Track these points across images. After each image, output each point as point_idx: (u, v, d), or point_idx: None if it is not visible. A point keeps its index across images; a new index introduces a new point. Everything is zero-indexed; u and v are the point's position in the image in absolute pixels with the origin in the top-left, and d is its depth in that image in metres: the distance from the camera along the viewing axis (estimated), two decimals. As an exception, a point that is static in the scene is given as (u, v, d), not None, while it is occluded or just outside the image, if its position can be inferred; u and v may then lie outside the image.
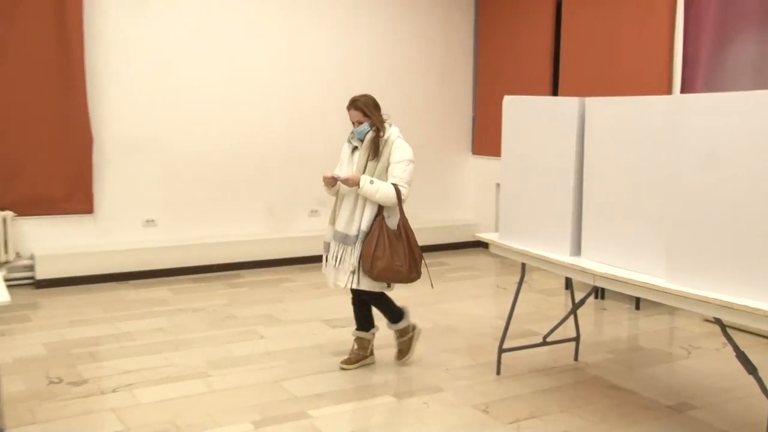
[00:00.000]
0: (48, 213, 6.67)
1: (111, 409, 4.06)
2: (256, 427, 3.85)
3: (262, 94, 7.48)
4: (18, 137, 6.43)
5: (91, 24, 6.67)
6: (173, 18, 7.01)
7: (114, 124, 6.87)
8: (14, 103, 6.40)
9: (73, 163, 6.67)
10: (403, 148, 4.48)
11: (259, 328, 5.55)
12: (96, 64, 6.73)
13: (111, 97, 6.83)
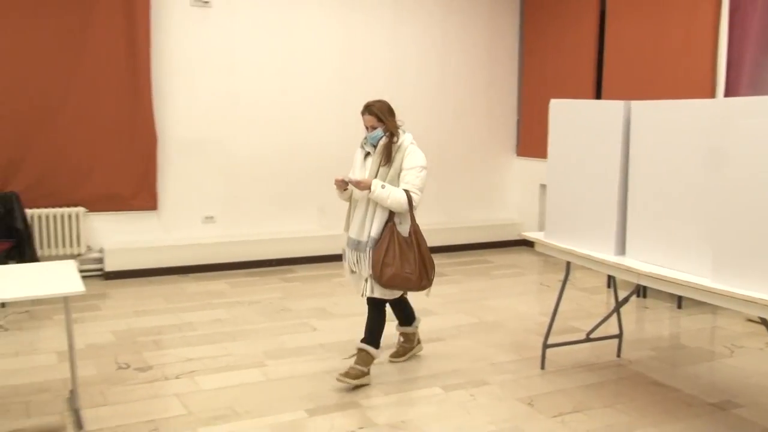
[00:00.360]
0: (116, 209, 6.82)
1: (174, 394, 4.15)
2: (310, 415, 3.90)
3: (316, 98, 7.55)
4: (90, 139, 6.59)
5: (158, 32, 6.80)
6: (233, 25, 7.11)
7: (177, 126, 7.00)
8: (87, 107, 6.56)
9: (139, 163, 6.81)
10: (416, 154, 4.29)
11: (311, 321, 5.60)
12: (161, 70, 6.86)
13: (174, 101, 6.96)
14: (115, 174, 6.73)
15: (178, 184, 7.06)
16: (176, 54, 6.93)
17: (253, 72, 7.24)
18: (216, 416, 3.86)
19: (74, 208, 6.60)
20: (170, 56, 6.90)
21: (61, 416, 3.82)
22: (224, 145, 7.19)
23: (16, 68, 6.28)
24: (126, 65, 6.66)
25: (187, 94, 7.02)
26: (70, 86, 6.46)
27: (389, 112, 4.36)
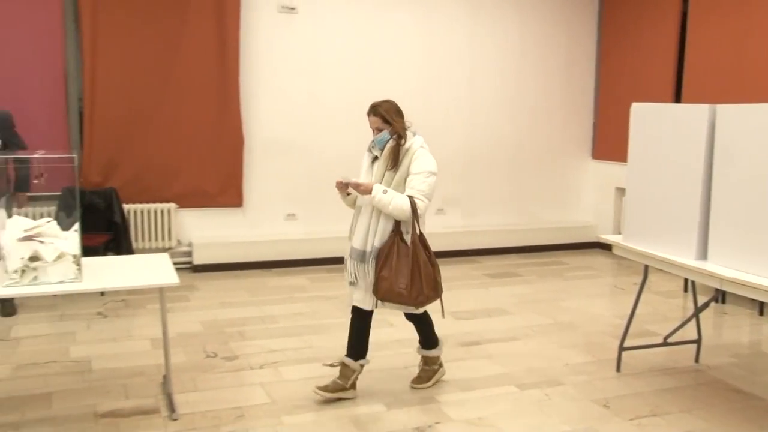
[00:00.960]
0: (204, 206, 6.97)
1: (259, 383, 4.21)
2: (388, 408, 3.90)
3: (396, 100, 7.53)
4: (182, 140, 6.76)
5: (246, 38, 6.92)
6: (317, 31, 7.18)
7: (262, 127, 7.11)
8: (180, 110, 6.73)
9: (226, 162, 6.94)
10: (424, 158, 3.87)
11: (388, 317, 5.56)
12: (248, 74, 6.98)
13: (260, 103, 7.07)
14: (204, 172, 6.89)
15: (262, 182, 7.17)
16: (263, 59, 7.04)
17: (336, 75, 7.30)
18: (298, 406, 3.91)
19: (166, 204, 6.78)
20: (257, 61, 7.02)
21: (156, 399, 3.93)
22: (306, 146, 7.27)
23: (119, 76, 6.49)
24: (216, 70, 6.80)
25: (273, 97, 7.12)
26: (165, 91, 6.64)
27: (397, 113, 3.99)
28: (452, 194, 7.93)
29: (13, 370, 4.37)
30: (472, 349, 4.89)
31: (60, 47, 6.36)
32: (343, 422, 3.73)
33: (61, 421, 3.69)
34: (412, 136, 3.97)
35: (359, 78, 7.37)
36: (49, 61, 6.33)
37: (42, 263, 3.45)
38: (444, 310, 4.09)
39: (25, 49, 6.25)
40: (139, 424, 3.66)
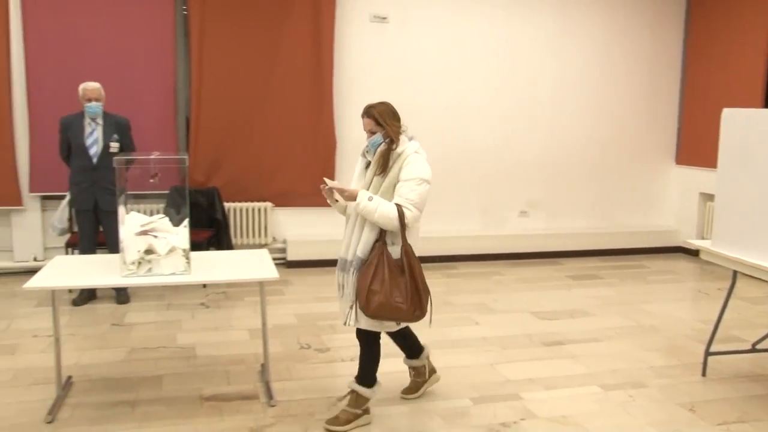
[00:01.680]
0: (298, 205, 7.10)
1: (350, 375, 4.21)
2: (474, 403, 3.89)
3: (482, 107, 7.51)
4: (279, 143, 6.91)
5: (340, 46, 7.02)
6: (407, 40, 7.22)
7: (354, 131, 7.17)
8: (278, 115, 6.88)
9: (320, 163, 7.05)
10: (417, 164, 3.41)
11: (473, 315, 5.59)
12: (342, 81, 7.07)
13: (352, 108, 7.13)
14: (298, 173, 7.02)
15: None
16: (355, 66, 7.12)
17: (424, 83, 7.32)
18: (387, 398, 3.93)
19: (263, 203, 6.95)
20: (350, 68, 7.11)
21: (254, 386, 4.04)
22: (395, 149, 7.31)
23: (222, 85, 6.69)
24: (311, 78, 6.92)
25: (364, 102, 7.11)
26: (264, 98, 6.80)
27: (391, 116, 3.56)
28: (535, 197, 7.84)
29: (128, 353, 4.57)
30: (555, 349, 4.82)
31: (171, 61, 6.60)
32: (431, 416, 3.74)
33: (170, 402, 3.83)
34: (407, 141, 3.51)
35: (446, 85, 7.37)
36: (162, 73, 6.58)
37: (156, 256, 3.60)
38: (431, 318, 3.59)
39: (141, 63, 6.53)
40: (240, 408, 3.76)
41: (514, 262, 7.51)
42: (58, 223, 5.86)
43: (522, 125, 7.64)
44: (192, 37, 6.58)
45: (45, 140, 6.25)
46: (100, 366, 4.35)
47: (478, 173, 7.58)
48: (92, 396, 3.90)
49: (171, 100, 6.65)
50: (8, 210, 6.53)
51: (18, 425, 3.54)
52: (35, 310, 5.50)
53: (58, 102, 6.15)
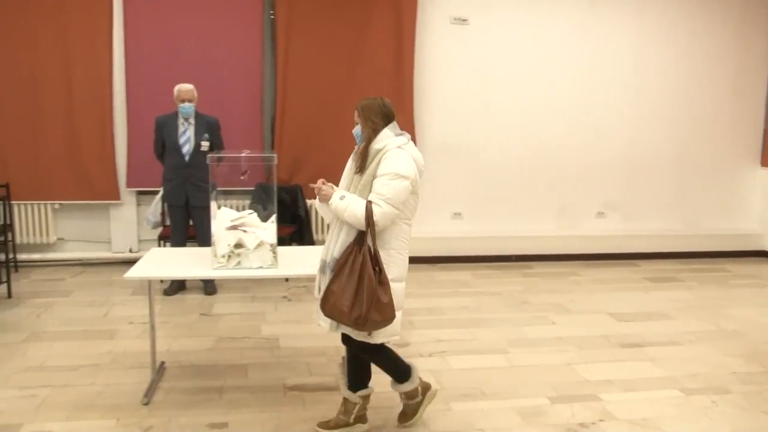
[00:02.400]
0: (378, 203, 7.13)
1: (429, 370, 4.25)
2: (551, 403, 3.83)
3: (560, 107, 7.37)
4: (359, 140, 6.94)
5: (421, 47, 7.00)
6: (487, 41, 7.15)
7: (433, 131, 7.18)
8: (358, 112, 6.92)
9: (399, 162, 7.05)
10: (393, 159, 3.07)
11: (550, 315, 5.50)
12: (422, 81, 7.06)
13: (432, 109, 7.14)
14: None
15: (431, 182, 7.21)
16: (435, 67, 7.10)
17: (504, 83, 7.23)
18: (466, 394, 3.92)
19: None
20: (430, 69, 7.09)
21: (335, 378, 4.07)
22: (474, 149, 7.26)
23: (306, 86, 6.77)
24: (392, 78, 6.93)
25: (443, 103, 7.17)
26: (346, 98, 6.85)
27: (374, 112, 3.19)
28: (613, 198, 7.64)
29: (215, 342, 4.69)
30: (634, 351, 4.69)
31: (258, 64, 6.74)
32: (509, 413, 3.70)
33: (255, 390, 3.92)
34: (391, 137, 3.15)
35: (526, 86, 7.26)
36: (249, 76, 6.72)
37: (245, 250, 3.68)
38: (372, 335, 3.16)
39: (231, 66, 6.68)
40: (322, 398, 3.81)
41: (591, 263, 7.35)
42: (151, 216, 6.07)
43: (601, 125, 7.46)
44: (278, 41, 6.70)
45: (141, 139, 6.48)
46: (190, 353, 4.48)
47: (556, 173, 7.45)
48: (183, 381, 4.02)
49: (257, 101, 6.79)
50: (107, 204, 6.80)
51: (118, 405, 3.69)
52: (130, 298, 5.72)
53: (153, 102, 6.37)
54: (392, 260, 3.15)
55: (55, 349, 4.50)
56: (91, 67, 6.50)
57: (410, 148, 3.19)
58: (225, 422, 3.52)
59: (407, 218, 3.21)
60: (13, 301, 5.60)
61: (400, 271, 3.20)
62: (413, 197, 3.18)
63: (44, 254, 6.83)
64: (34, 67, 6.45)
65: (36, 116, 6.51)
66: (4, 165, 6.51)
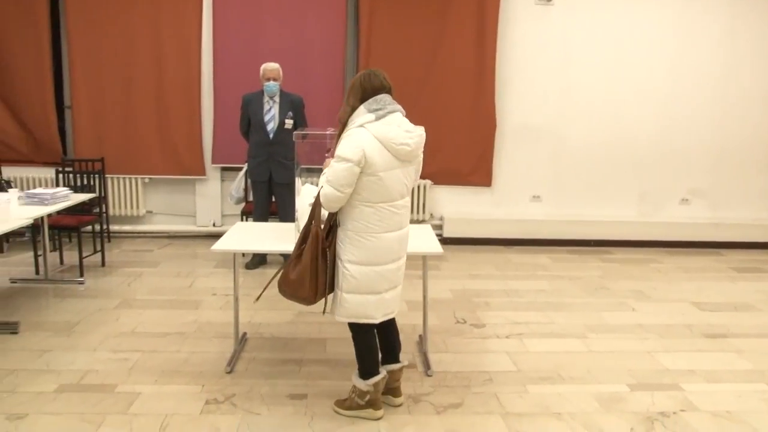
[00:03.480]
0: (456, 183, 7.10)
1: (505, 351, 4.22)
2: (631, 390, 3.74)
3: (646, 92, 7.13)
4: (440, 122, 6.89)
5: (504, 28, 6.88)
6: (572, 22, 6.96)
7: (514, 113, 7.06)
8: (440, 95, 6.87)
9: (479, 144, 6.99)
10: (345, 140, 2.96)
11: (630, 302, 5.36)
12: (504, 63, 6.95)
13: (513, 91, 7.02)
14: (457, 153, 6.99)
15: (510, 165, 7.14)
16: (518, 49, 6.96)
17: (588, 66, 7.04)
18: (543, 377, 3.87)
19: (423, 181, 7.01)
20: (513, 50, 6.96)
21: (412, 355, 4.09)
22: (555, 132, 7.11)
23: (387, 66, 6.75)
24: (474, 60, 6.84)
25: (525, 85, 7.04)
26: (428, 79, 6.82)
27: (354, 91, 3.04)
28: (699, 186, 7.36)
29: (295, 316, 4.77)
30: (718, 342, 4.52)
31: (341, 46, 6.76)
32: (586, 398, 3.63)
33: (333, 363, 3.97)
34: (362, 114, 2.99)
35: (611, 69, 7.05)
36: (333, 57, 6.76)
37: (328, 227, 3.70)
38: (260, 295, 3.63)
39: (315, 47, 6.73)
40: (398, 375, 3.82)
41: (673, 250, 7.12)
42: (235, 192, 6.20)
43: (687, 110, 7.18)
44: (361, 22, 6.71)
45: (226, 117, 6.62)
46: (270, 325, 4.57)
47: (639, 158, 7.22)
48: (264, 352, 4.11)
49: (340, 81, 6.82)
50: (193, 179, 6.99)
51: (203, 372, 3.80)
52: (214, 270, 5.87)
53: (240, 81, 6.49)
54: (350, 242, 3.07)
55: (144, 317, 4.67)
56: (181, 48, 6.66)
57: (376, 125, 2.95)
58: (304, 393, 3.58)
59: (368, 201, 3.01)
60: (106, 270, 5.84)
61: (362, 254, 3.06)
62: (372, 179, 2.96)
63: (134, 226, 7.09)
64: (128, 49, 6.67)
65: (129, 95, 6.74)
66: (100, 141, 6.77)
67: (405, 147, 2.99)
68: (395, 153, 2.98)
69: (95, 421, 3.23)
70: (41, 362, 3.89)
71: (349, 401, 3.36)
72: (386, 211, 3.05)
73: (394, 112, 3.01)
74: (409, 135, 3.00)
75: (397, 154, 2.98)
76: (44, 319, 4.61)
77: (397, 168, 3.01)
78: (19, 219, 4.47)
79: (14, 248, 6.55)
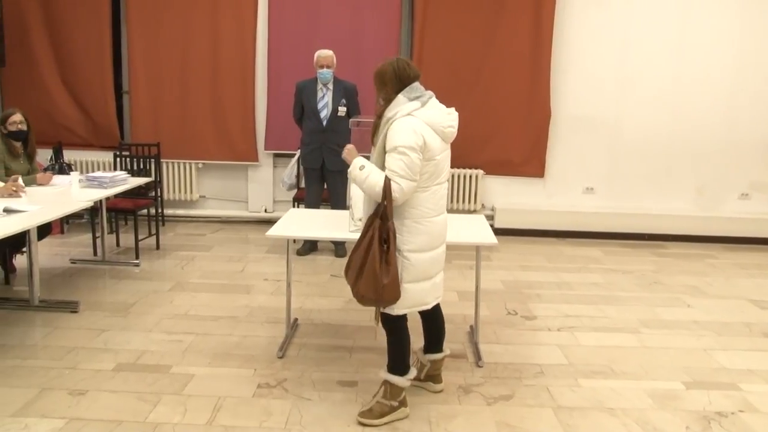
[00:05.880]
0: (508, 174, 7.02)
1: (557, 344, 4.18)
2: (686, 388, 3.66)
3: (706, 83, 6.92)
4: (494, 111, 6.84)
5: (560, 17, 6.76)
6: (630, 11, 6.80)
7: (569, 103, 6.95)
8: (494, 84, 6.80)
9: (532, 134, 6.90)
10: (397, 130, 2.89)
11: (685, 297, 5.24)
12: (560, 52, 6.83)
13: (569, 80, 6.90)
14: (510, 143, 6.92)
15: (564, 156, 7.04)
16: (575, 38, 6.84)
17: (646, 56, 6.87)
18: (595, 371, 3.81)
19: (474, 170, 6.95)
20: (569, 40, 6.84)
21: (463, 346, 4.08)
22: (610, 123, 6.98)
23: (441, 53, 6.74)
24: (529, 48, 6.74)
25: (581, 75, 6.91)
26: (482, 67, 6.76)
27: (388, 79, 3.01)
28: (760, 179, 7.13)
29: (345, 303, 4.79)
30: (780, 342, 4.40)
31: (396, 33, 6.76)
32: (640, 394, 3.56)
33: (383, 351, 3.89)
34: (405, 103, 2.97)
35: (670, 59, 6.87)
36: (386, 45, 6.74)
37: (381, 215, 3.70)
38: (378, 321, 3.10)
39: (369, 36, 6.74)
40: (449, 365, 3.80)
41: (731, 246, 6.93)
42: (287, 179, 6.25)
43: (749, 101, 6.95)
44: (416, 11, 6.68)
45: (280, 104, 6.67)
46: (321, 312, 4.61)
47: (697, 151, 7.03)
48: (315, 338, 4.15)
49: (393, 69, 6.80)
50: (246, 165, 7.07)
51: (254, 356, 3.85)
52: (265, 256, 5.94)
53: (293, 68, 6.53)
54: (408, 231, 3.01)
55: (197, 300, 4.76)
56: (236, 35, 6.73)
57: (423, 111, 2.95)
58: (355, 381, 3.60)
59: (424, 186, 2.98)
60: (160, 253, 5.96)
61: (420, 241, 3.03)
62: (431, 164, 2.96)
63: (188, 210, 7.21)
64: (184, 36, 6.77)
65: (185, 82, 6.84)
66: (156, 125, 6.90)
67: (451, 129, 3.06)
68: (443, 136, 3.03)
69: (151, 401, 3.30)
70: (99, 341, 4.00)
71: (379, 407, 3.17)
72: (438, 192, 3.06)
73: (432, 97, 3.05)
74: (451, 117, 3.08)
75: (444, 136, 3.03)
76: (102, 299, 4.73)
77: (446, 149, 3.09)
78: (80, 201, 4.59)
79: (73, 229, 6.73)
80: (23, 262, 5.10)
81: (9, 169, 4.97)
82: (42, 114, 6.69)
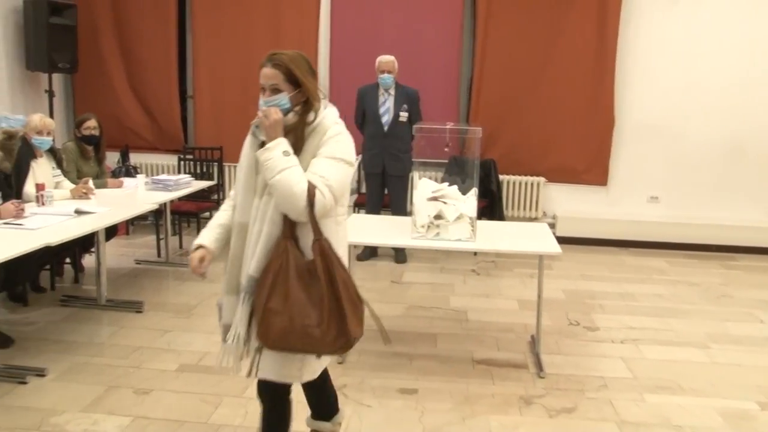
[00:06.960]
0: (570, 181, 6.89)
1: (620, 357, 4.07)
2: (761, 408, 3.51)
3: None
4: (555, 118, 6.72)
5: (626, 23, 6.61)
6: (698, 17, 6.59)
7: (633, 110, 6.79)
8: (556, 89, 6.68)
9: (595, 141, 6.76)
10: (339, 141, 2.26)
11: (757, 312, 5.05)
12: (625, 58, 6.67)
13: (634, 87, 6.74)
14: (572, 150, 6.79)
15: (628, 163, 6.87)
16: (641, 44, 6.66)
17: (714, 63, 6.64)
18: (661, 386, 3.70)
19: (536, 178, 6.85)
20: (634, 46, 6.67)
21: (524, 355, 4.02)
22: (676, 130, 6.78)
23: (504, 58, 6.65)
24: (593, 54, 6.61)
25: (647, 81, 6.74)
26: (544, 72, 6.66)
27: (310, 71, 2.35)
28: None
29: (405, 310, 4.78)
30: None
31: (457, 39, 6.72)
32: (710, 413, 3.44)
33: (443, 359, 3.95)
34: (323, 109, 2.33)
35: (738, 66, 6.62)
36: (448, 50, 6.71)
37: (444, 222, 3.69)
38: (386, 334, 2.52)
39: (431, 40, 6.71)
40: (509, 375, 3.76)
41: (805, 258, 6.67)
42: (348, 184, 6.25)
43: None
44: (478, 16, 6.63)
45: (341, 108, 6.60)
46: (381, 318, 4.52)
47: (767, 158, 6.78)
48: (374, 345, 4.10)
49: (455, 75, 6.77)
50: (306, 169, 7.12)
51: (314, 361, 3.86)
52: (325, 260, 5.96)
53: (355, 73, 6.54)
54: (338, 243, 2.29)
55: (259, 302, 4.80)
56: (298, 41, 6.78)
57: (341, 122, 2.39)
58: (415, 389, 3.58)
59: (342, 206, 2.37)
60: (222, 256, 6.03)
61: None
62: None
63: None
64: (247, 43, 6.87)
65: (247, 87, 6.90)
66: (219, 130, 7.02)
67: None
68: None
69: (213, 402, 3.35)
70: (163, 341, 4.08)
71: None
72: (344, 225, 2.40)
73: None
74: None
75: None
76: (165, 300, 4.83)
77: None
78: (146, 203, 4.69)
79: (138, 231, 6.90)
80: (90, 262, 5.24)
81: (80, 172, 5.13)
82: (110, 118, 6.87)
